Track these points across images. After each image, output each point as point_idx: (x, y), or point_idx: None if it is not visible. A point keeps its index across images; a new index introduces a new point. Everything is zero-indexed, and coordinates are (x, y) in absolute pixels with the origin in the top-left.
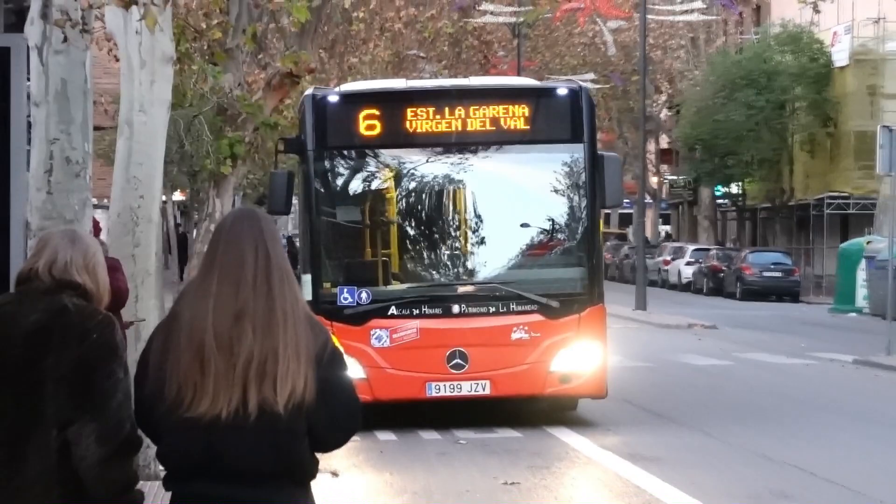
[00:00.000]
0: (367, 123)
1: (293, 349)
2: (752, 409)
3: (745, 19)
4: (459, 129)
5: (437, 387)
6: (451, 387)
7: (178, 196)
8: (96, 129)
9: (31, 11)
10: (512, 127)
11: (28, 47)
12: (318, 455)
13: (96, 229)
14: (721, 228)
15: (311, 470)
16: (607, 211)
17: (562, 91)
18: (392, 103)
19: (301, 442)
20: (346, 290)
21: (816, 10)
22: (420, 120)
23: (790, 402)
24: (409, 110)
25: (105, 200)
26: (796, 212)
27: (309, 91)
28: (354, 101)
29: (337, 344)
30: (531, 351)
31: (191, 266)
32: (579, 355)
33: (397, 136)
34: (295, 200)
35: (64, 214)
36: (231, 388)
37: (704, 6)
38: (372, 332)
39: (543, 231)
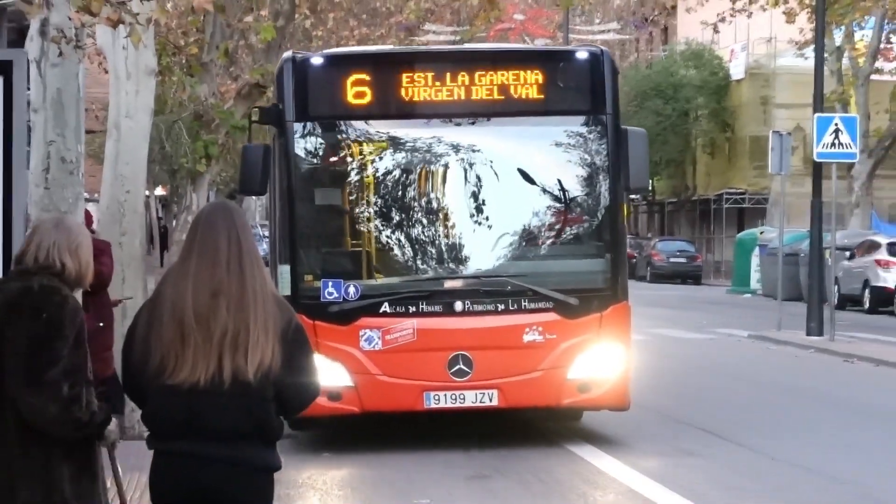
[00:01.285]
0: (356, 90)
1: (262, 324)
2: (666, 377)
3: (654, 38)
4: (463, 97)
5: (437, 397)
6: (453, 397)
7: (159, 191)
8: (88, 132)
9: (31, 29)
10: (523, 96)
11: (28, 61)
12: None
13: (88, 220)
14: (633, 220)
15: (278, 431)
16: None
17: (581, 55)
18: (385, 67)
19: (269, 406)
20: (330, 283)
21: (716, 31)
22: (417, 87)
23: (696, 370)
24: (404, 76)
25: (95, 195)
26: (699, 206)
27: (288, 53)
28: (341, 64)
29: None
30: (545, 355)
31: (171, 253)
32: (601, 360)
33: (391, 106)
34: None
35: (59, 207)
36: (208, 358)
37: (619, 27)
38: (361, 333)
39: (559, 217)
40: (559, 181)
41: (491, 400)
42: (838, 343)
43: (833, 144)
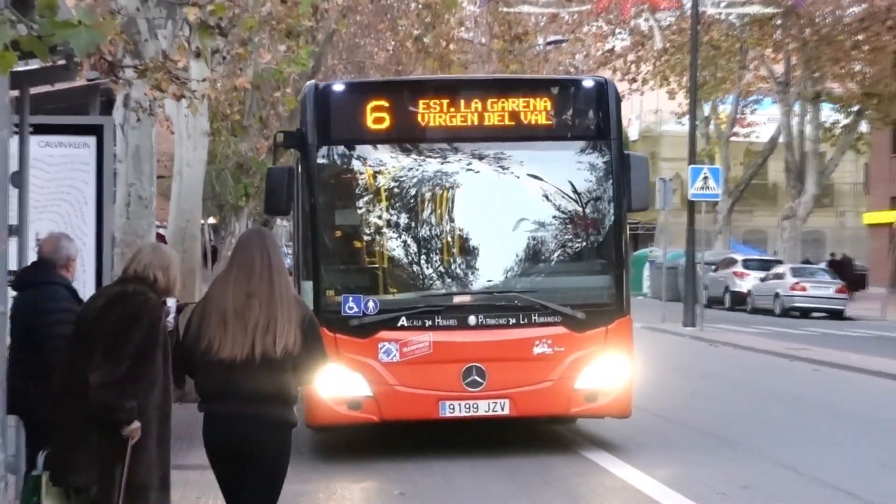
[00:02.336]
0: (375, 116)
1: (287, 316)
2: None
3: None
4: (476, 123)
5: (452, 406)
6: (467, 406)
7: (211, 220)
8: (158, 177)
9: (117, 101)
10: (533, 122)
11: (115, 125)
12: None
13: (162, 242)
14: None
15: (294, 396)
16: None
17: (588, 83)
18: (402, 95)
19: (288, 376)
20: (350, 298)
21: None
22: (432, 113)
23: None
24: (421, 102)
25: (164, 223)
26: None
27: (311, 82)
28: (360, 91)
29: (313, 316)
30: (555, 367)
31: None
32: (606, 371)
33: (407, 131)
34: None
35: (137, 232)
36: (244, 341)
37: None
38: (380, 346)
39: (567, 235)
40: (567, 202)
41: (503, 409)
42: (706, 332)
43: (703, 188)
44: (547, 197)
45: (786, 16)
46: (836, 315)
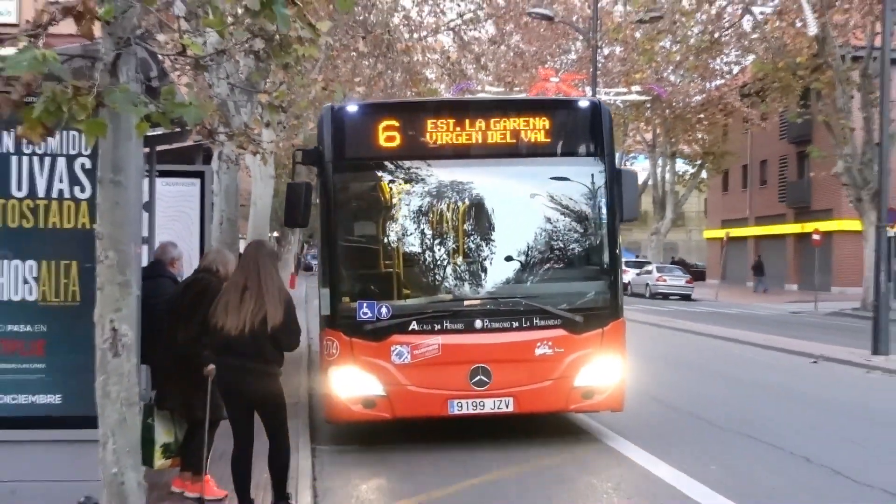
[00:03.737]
0: (386, 135)
1: (275, 304)
2: None
3: None
4: (480, 141)
5: (460, 404)
6: (474, 404)
7: (275, 234)
8: (241, 205)
9: (214, 155)
10: (533, 140)
11: (213, 171)
12: None
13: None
14: None
15: (277, 358)
16: None
17: (583, 104)
18: (411, 115)
19: (271, 343)
20: (365, 304)
21: None
22: (440, 132)
23: None
24: (428, 122)
25: (244, 236)
26: None
27: (328, 104)
28: (373, 112)
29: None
30: (555, 367)
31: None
32: (602, 370)
33: (416, 148)
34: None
35: (226, 242)
36: (238, 321)
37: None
38: (392, 349)
39: (565, 245)
40: (564, 214)
41: (507, 406)
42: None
43: None
44: (546, 209)
45: (653, 101)
46: (686, 298)
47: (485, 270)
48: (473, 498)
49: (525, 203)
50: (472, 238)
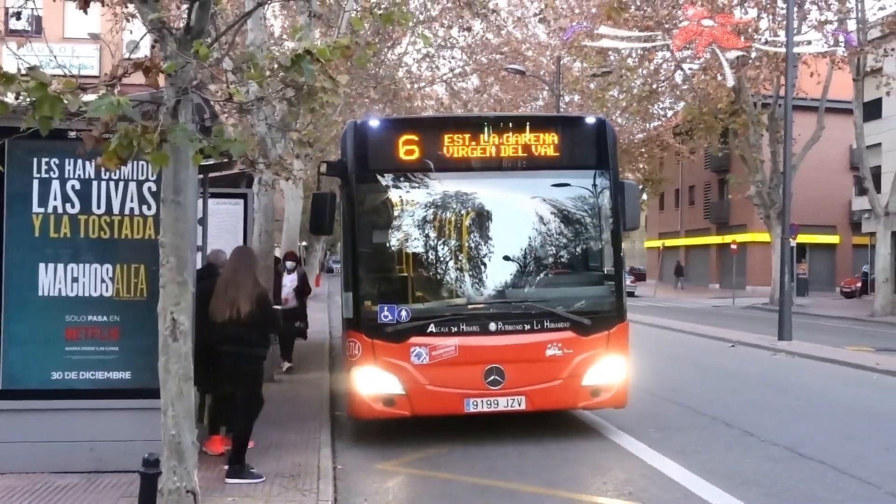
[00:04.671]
0: (406, 149)
1: (247, 298)
2: None
3: None
4: (494, 155)
5: (475, 402)
6: (488, 402)
7: (303, 244)
8: (276, 220)
9: (255, 180)
10: (543, 154)
11: (254, 193)
12: None
13: (277, 258)
14: None
15: (262, 341)
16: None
17: (590, 120)
18: (429, 130)
19: (252, 330)
20: (386, 308)
21: None
22: (456, 146)
23: None
24: (445, 137)
25: (278, 244)
26: None
27: (351, 120)
28: (393, 127)
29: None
30: (565, 366)
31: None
32: (608, 369)
33: (433, 161)
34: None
35: (265, 251)
36: (224, 310)
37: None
38: (412, 350)
39: (573, 252)
40: (573, 223)
41: (520, 405)
42: None
43: None
44: (555, 218)
45: None
46: (630, 294)
47: (498, 277)
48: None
49: (535, 213)
50: (485, 245)
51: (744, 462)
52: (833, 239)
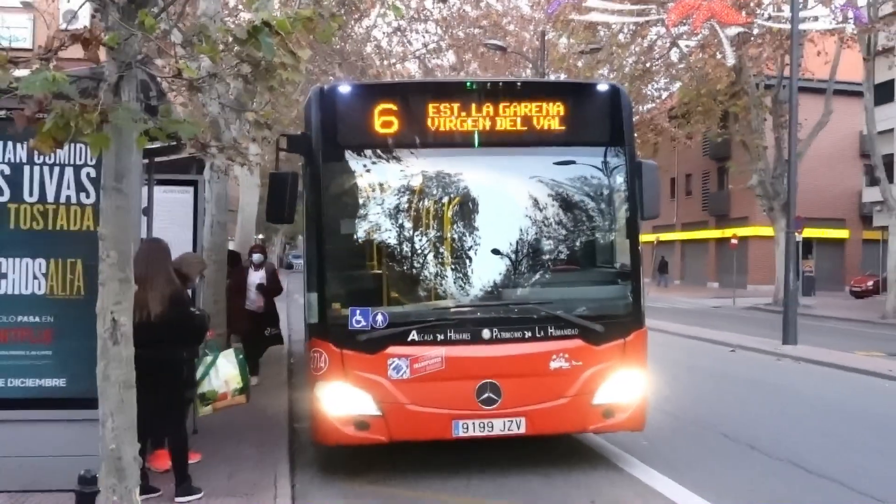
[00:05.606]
0: (383, 120)
1: (159, 298)
2: None
3: None
4: (489, 128)
5: (466, 425)
6: (481, 425)
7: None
8: (230, 211)
9: (206, 166)
10: (547, 127)
11: (205, 180)
12: None
13: (263, 250)
14: None
15: (179, 343)
16: None
17: (602, 88)
18: (411, 98)
19: (167, 332)
20: (358, 311)
21: None
22: (443, 117)
23: None
24: (430, 106)
25: (233, 238)
26: None
27: (317, 85)
28: (368, 94)
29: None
30: (572, 382)
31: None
32: (624, 385)
33: (417, 135)
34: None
35: (217, 244)
36: (134, 313)
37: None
38: (389, 362)
39: (583, 245)
40: (581, 210)
41: (518, 427)
42: None
43: None
44: (561, 204)
45: None
46: None
47: (493, 274)
48: None
49: (538, 198)
50: (478, 238)
51: (744, 478)
52: (842, 233)
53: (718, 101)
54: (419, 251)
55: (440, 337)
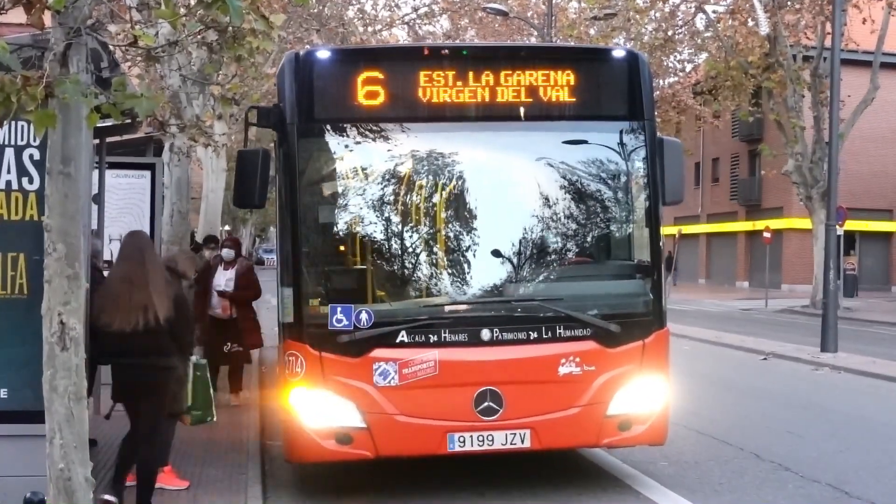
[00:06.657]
0: (367, 90)
1: (160, 295)
2: None
3: None
4: (488, 99)
5: (462, 439)
6: (480, 438)
7: (227, 228)
8: (192, 198)
9: (165, 147)
10: (555, 98)
11: (164, 163)
12: None
13: (236, 243)
14: None
15: (174, 351)
16: None
17: (618, 54)
18: (400, 64)
19: (168, 336)
20: (339, 309)
21: None
22: (437, 87)
23: None
24: (423, 74)
25: (195, 230)
26: None
27: (291, 51)
28: (350, 61)
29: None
30: (584, 390)
31: None
32: (642, 394)
33: (407, 108)
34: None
35: (177, 235)
36: (135, 318)
37: None
38: (375, 367)
39: (596, 233)
40: (594, 194)
41: (523, 441)
42: None
43: None
44: (571, 187)
45: None
46: None
47: (494, 266)
48: None
49: (545, 181)
50: (477, 225)
51: (777, 503)
52: (889, 226)
53: (750, 74)
54: (409, 241)
55: (433, 338)
